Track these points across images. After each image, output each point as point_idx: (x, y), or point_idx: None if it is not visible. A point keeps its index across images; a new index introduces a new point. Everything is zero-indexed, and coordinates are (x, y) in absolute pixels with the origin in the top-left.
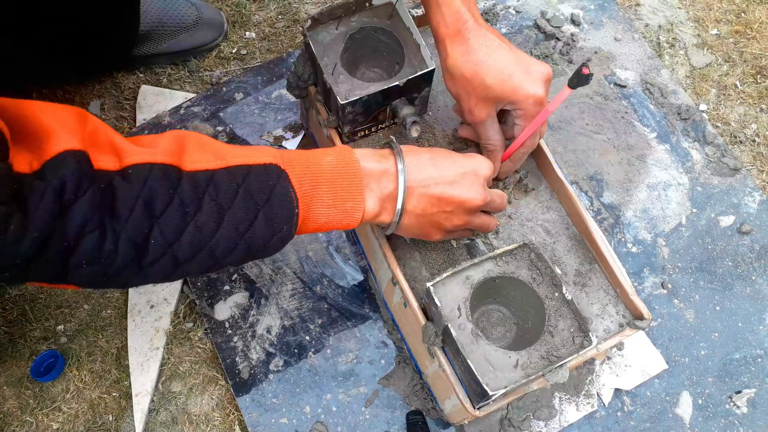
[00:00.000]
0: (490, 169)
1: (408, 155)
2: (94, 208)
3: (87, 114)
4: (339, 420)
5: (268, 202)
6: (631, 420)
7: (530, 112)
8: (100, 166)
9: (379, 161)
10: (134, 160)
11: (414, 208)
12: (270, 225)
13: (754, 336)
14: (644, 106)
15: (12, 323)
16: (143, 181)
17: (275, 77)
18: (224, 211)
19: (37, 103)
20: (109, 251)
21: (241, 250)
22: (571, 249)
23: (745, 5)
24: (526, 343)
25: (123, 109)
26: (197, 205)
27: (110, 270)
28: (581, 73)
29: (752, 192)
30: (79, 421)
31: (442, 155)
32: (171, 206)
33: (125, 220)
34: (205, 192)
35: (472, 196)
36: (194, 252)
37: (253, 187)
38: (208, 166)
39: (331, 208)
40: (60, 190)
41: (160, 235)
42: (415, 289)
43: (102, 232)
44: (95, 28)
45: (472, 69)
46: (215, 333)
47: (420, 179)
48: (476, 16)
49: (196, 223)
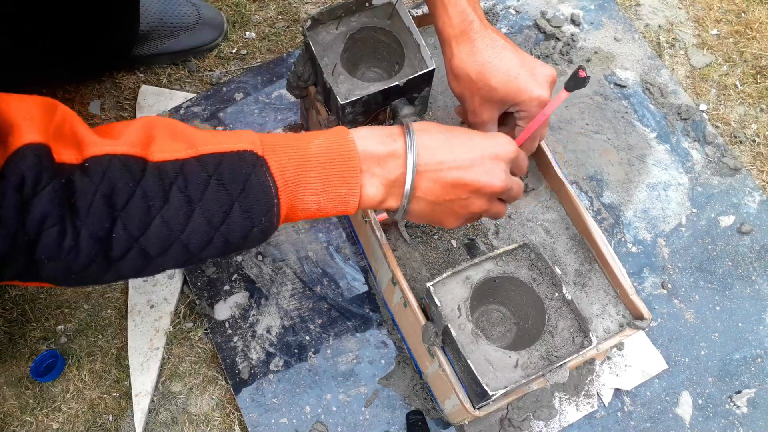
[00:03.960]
0: (512, 151)
1: (420, 135)
2: (53, 203)
3: (56, 104)
4: (339, 420)
5: (243, 192)
6: (631, 420)
7: (533, 115)
8: (62, 160)
9: (384, 142)
10: (94, 152)
11: (425, 194)
12: (247, 216)
13: (754, 336)
14: (644, 106)
15: (12, 323)
16: (102, 174)
17: (275, 77)
18: (194, 203)
19: (5, 95)
20: (70, 247)
21: (219, 244)
22: (571, 249)
23: (745, 5)
24: (526, 343)
25: (123, 109)
26: (163, 198)
27: (75, 265)
28: (578, 75)
29: (752, 192)
30: (79, 421)
31: (460, 135)
32: (133, 199)
33: (85, 215)
34: (173, 183)
35: (491, 181)
36: (165, 246)
37: (225, 177)
38: (177, 155)
39: (321, 194)
40: (20, 186)
41: (123, 229)
42: (415, 289)
43: (62, 227)
44: (95, 28)
45: (477, 70)
46: (215, 333)
47: (432, 162)
48: (481, 17)
49: (162, 216)
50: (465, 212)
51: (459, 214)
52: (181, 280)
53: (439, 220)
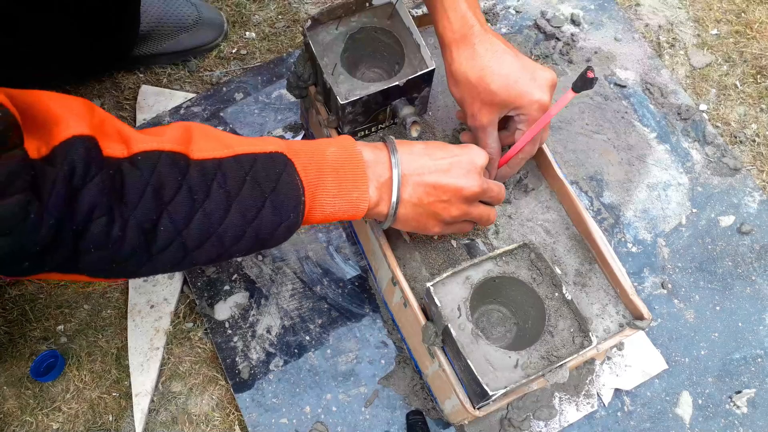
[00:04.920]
0: (485, 158)
1: (401, 146)
2: (102, 193)
3: (93, 105)
4: (339, 420)
5: (275, 189)
6: (631, 420)
7: (534, 119)
8: (109, 153)
9: (374, 151)
10: (143, 147)
11: (410, 197)
12: (277, 213)
13: (754, 336)
14: (644, 106)
15: (12, 323)
16: (152, 168)
17: (275, 77)
18: (232, 198)
19: (45, 92)
20: (118, 237)
21: (249, 238)
22: (571, 249)
23: (745, 5)
24: (526, 343)
25: (123, 109)
26: (205, 193)
27: (119, 256)
28: (586, 76)
29: (752, 192)
30: (79, 421)
31: (436, 145)
32: (180, 193)
33: (134, 206)
34: (214, 179)
35: (468, 183)
36: (203, 239)
37: (260, 175)
38: (216, 154)
39: (336, 197)
40: (70, 175)
41: (169, 221)
42: (415, 289)
43: (111, 217)
44: (95, 28)
45: (477, 74)
46: (215, 333)
47: (414, 167)
48: (482, 21)
49: (204, 210)
50: (446, 215)
51: (441, 217)
52: (181, 280)
53: (423, 224)
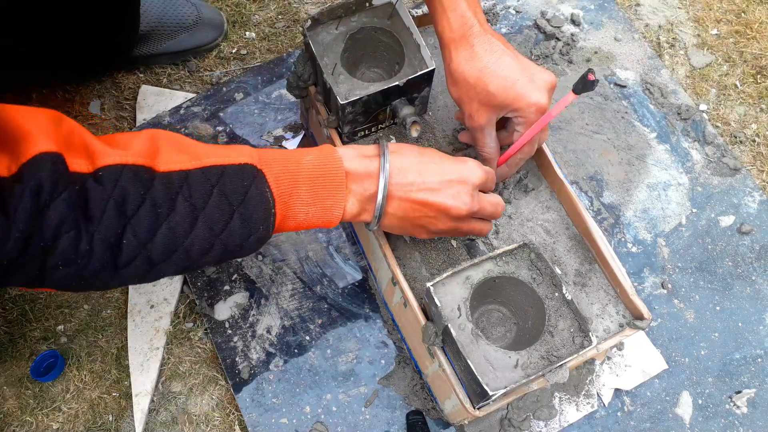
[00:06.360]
0: (481, 176)
1: (394, 157)
2: (69, 209)
3: (62, 116)
4: (339, 420)
5: (243, 202)
6: (631, 420)
7: (532, 120)
8: (74, 169)
9: (363, 162)
10: (106, 161)
11: (395, 211)
12: (246, 225)
13: (754, 336)
14: (644, 106)
15: (12, 323)
16: (114, 183)
17: (275, 77)
18: (198, 211)
19: (13, 107)
20: (85, 251)
21: (218, 251)
22: (571, 249)
23: (745, 5)
24: (526, 343)
25: (123, 109)
26: (170, 206)
27: (86, 271)
28: (587, 79)
29: (752, 192)
30: (79, 421)
31: (431, 159)
32: (143, 207)
33: (98, 221)
34: (179, 193)
35: (456, 204)
36: (168, 252)
37: (227, 188)
38: (182, 166)
39: (310, 206)
40: (37, 191)
41: (133, 235)
42: (415, 289)
43: (77, 232)
44: (96, 28)
45: (476, 75)
46: (215, 333)
47: (402, 184)
48: (482, 21)
49: (169, 223)
50: (433, 228)
51: (427, 229)
52: (181, 280)
53: (409, 232)
